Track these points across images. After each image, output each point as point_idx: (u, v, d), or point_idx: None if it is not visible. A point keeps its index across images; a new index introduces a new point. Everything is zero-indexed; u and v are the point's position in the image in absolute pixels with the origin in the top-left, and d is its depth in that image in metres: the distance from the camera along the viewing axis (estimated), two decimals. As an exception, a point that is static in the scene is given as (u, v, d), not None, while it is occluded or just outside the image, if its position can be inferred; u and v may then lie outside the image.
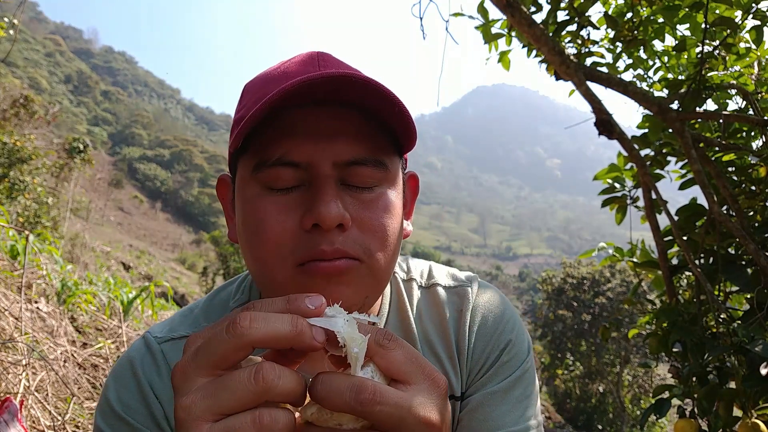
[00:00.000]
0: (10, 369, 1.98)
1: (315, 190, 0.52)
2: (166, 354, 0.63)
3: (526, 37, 1.79)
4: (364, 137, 0.54)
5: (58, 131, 43.99)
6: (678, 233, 1.58)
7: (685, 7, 1.62)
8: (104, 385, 0.64)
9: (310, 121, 0.53)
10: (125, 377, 0.62)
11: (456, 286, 0.71)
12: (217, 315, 0.67)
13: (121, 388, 0.61)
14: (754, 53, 1.71)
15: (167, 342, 0.64)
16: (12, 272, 3.00)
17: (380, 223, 0.55)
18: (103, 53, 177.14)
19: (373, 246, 0.54)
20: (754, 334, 1.28)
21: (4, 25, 3.41)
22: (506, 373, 0.66)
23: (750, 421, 1.25)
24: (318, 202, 0.51)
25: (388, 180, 0.57)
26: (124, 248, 29.79)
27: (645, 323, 1.78)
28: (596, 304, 14.39)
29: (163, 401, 0.61)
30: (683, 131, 1.55)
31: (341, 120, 0.53)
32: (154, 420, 0.60)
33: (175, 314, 0.70)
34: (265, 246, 0.53)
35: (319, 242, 0.52)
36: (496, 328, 0.68)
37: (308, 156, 0.52)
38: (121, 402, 0.60)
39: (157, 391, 0.61)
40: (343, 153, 0.53)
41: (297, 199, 0.53)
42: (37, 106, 13.11)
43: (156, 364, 0.63)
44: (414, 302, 0.69)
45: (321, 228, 0.51)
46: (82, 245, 15.75)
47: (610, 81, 1.72)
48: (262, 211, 0.53)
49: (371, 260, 0.54)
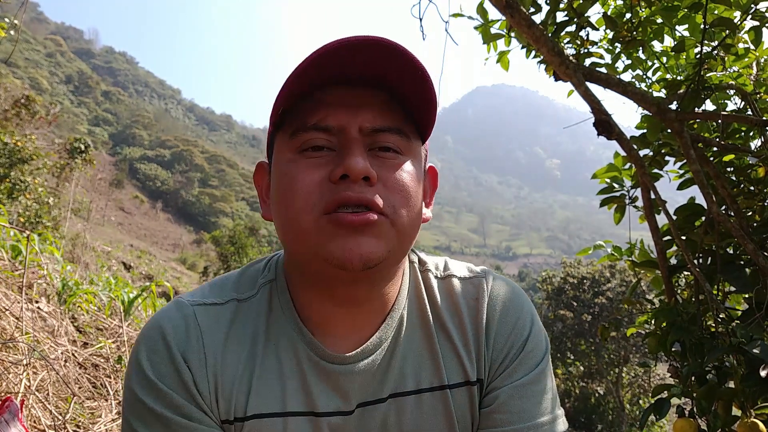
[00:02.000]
0: (11, 369, 1.99)
1: (343, 150, 0.57)
2: (197, 315, 0.64)
3: (526, 38, 1.79)
4: (389, 111, 0.60)
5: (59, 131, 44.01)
6: (677, 233, 1.58)
7: (684, 7, 1.63)
8: (134, 350, 0.63)
9: (342, 95, 0.59)
10: (155, 341, 0.62)
11: (471, 277, 0.72)
12: (245, 289, 0.68)
13: (151, 353, 0.61)
14: (752, 54, 1.72)
15: (199, 306, 0.65)
16: (13, 272, 3.01)
17: (404, 184, 0.59)
18: (103, 54, 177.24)
19: (397, 203, 0.58)
20: (752, 334, 1.28)
21: (5, 26, 3.42)
22: (532, 364, 0.67)
23: (749, 420, 1.26)
24: (347, 157, 0.56)
25: (410, 152, 0.62)
26: (125, 248, 29.80)
27: (643, 322, 1.78)
28: (596, 304, 14.38)
29: (191, 365, 0.61)
30: (682, 131, 1.55)
31: (369, 95, 0.60)
32: (183, 385, 0.61)
33: (205, 285, 0.71)
34: (294, 197, 0.57)
35: (345, 190, 0.56)
36: (517, 319, 0.69)
37: (339, 122, 0.58)
38: (153, 368, 0.61)
39: (186, 354, 0.61)
40: (369, 120, 0.59)
41: (328, 159, 0.58)
42: (38, 106, 13.12)
43: (186, 325, 0.63)
44: (430, 291, 0.71)
45: (348, 179, 0.56)
46: (83, 245, 15.76)
47: (609, 81, 1.72)
48: (294, 170, 0.58)
49: (395, 215, 0.58)
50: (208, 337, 0.63)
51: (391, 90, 0.60)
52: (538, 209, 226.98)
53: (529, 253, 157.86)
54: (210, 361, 0.62)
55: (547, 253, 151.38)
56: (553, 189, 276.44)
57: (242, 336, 0.64)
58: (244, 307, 0.66)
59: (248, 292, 0.68)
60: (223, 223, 57.80)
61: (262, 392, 0.62)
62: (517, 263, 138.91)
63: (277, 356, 0.64)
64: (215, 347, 0.63)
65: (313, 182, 0.57)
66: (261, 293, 0.67)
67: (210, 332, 0.63)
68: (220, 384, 0.62)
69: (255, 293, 0.67)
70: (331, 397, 0.64)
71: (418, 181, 0.62)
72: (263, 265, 0.72)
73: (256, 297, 0.67)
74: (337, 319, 0.64)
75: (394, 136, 0.60)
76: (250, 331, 0.65)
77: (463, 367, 0.67)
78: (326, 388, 0.63)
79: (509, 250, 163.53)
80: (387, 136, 0.59)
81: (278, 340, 0.65)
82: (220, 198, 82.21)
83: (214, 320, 0.64)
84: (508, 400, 0.65)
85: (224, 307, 0.66)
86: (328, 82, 0.59)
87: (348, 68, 0.57)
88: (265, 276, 0.69)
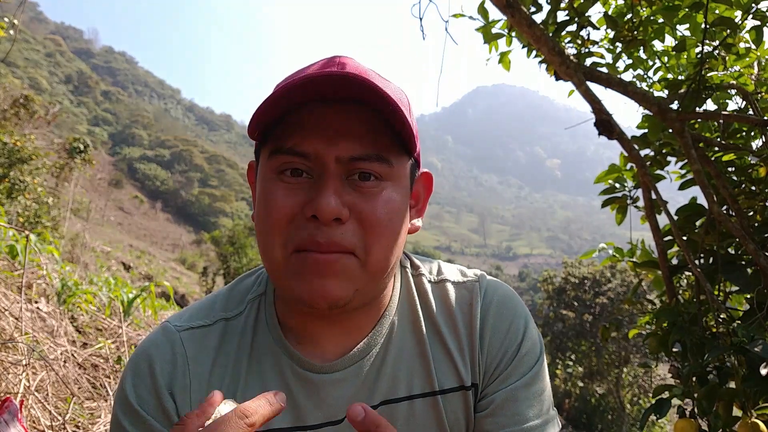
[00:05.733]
0: (11, 369, 1.98)
1: (318, 182, 0.56)
2: (184, 342, 0.64)
3: (526, 38, 1.79)
4: (368, 135, 0.57)
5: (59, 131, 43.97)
6: (678, 233, 1.58)
7: (685, 7, 1.62)
8: (122, 374, 0.65)
9: (319, 118, 0.57)
10: (141, 369, 0.63)
11: (465, 282, 0.71)
12: (234, 305, 0.68)
13: (137, 379, 0.63)
14: (753, 53, 1.71)
15: (186, 331, 0.65)
16: (12, 272, 3.00)
17: (379, 217, 0.57)
18: (103, 53, 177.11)
19: (369, 240, 0.57)
20: (753, 334, 1.28)
21: (5, 25, 3.41)
22: (526, 367, 0.67)
23: (750, 420, 1.25)
24: (318, 195, 0.55)
25: (392, 177, 0.59)
26: (125, 248, 29.78)
27: (645, 323, 1.78)
28: (597, 304, 14.38)
29: (176, 395, 0.62)
30: (683, 131, 1.55)
31: (347, 118, 0.57)
32: (164, 413, 0.62)
33: (194, 305, 0.71)
34: (270, 226, 0.58)
35: (316, 234, 0.55)
36: (511, 323, 0.69)
37: (315, 149, 0.56)
38: (135, 393, 0.62)
39: (170, 385, 0.62)
40: (346, 149, 0.56)
41: (304, 186, 0.57)
42: (37, 106, 13.11)
43: (173, 352, 0.64)
44: (424, 296, 0.70)
45: (318, 219, 0.55)
46: (83, 245, 15.75)
47: (609, 81, 1.72)
48: (272, 193, 0.58)
49: (366, 255, 0.57)
50: (194, 365, 0.64)
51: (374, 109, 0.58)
52: (538, 209, 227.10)
53: (529, 254, 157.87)
54: (194, 387, 0.63)
55: (548, 253, 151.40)
56: (553, 189, 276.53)
57: (227, 358, 0.65)
58: (231, 326, 0.67)
59: (236, 309, 0.68)
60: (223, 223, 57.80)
61: None
62: (517, 263, 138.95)
63: (260, 373, 0.64)
64: (201, 374, 0.63)
65: (286, 213, 0.56)
66: (249, 309, 0.68)
67: (195, 360, 0.64)
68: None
69: (243, 309, 0.68)
70: (318, 407, 0.63)
71: (399, 208, 0.60)
72: (253, 279, 0.72)
73: (244, 314, 0.67)
74: (323, 328, 0.64)
75: (375, 164, 0.57)
76: (234, 351, 0.65)
77: (457, 371, 0.66)
78: (312, 399, 0.63)
79: (510, 250, 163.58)
80: (366, 164, 0.57)
81: (262, 357, 0.65)
82: (219, 198, 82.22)
83: (201, 346, 0.65)
84: (502, 403, 0.64)
85: (212, 328, 0.66)
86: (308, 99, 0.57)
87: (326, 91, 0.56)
88: (254, 291, 0.70)
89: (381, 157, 0.57)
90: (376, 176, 0.58)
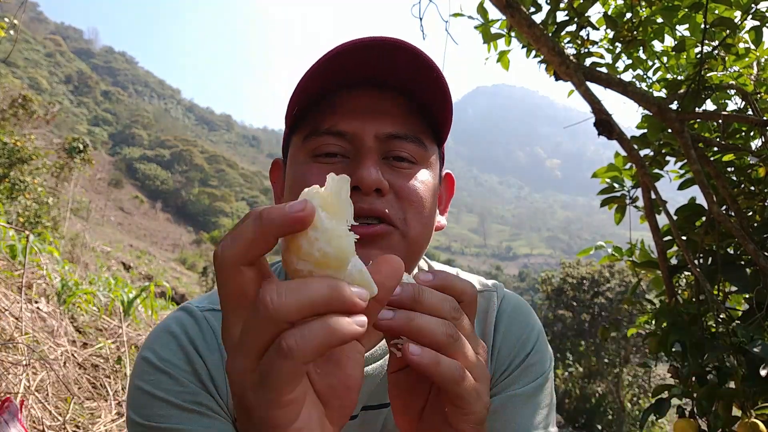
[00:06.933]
0: (11, 369, 1.98)
1: (357, 158, 0.56)
2: (208, 320, 0.64)
3: (526, 38, 1.79)
4: (405, 116, 0.58)
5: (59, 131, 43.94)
6: (677, 233, 1.58)
7: (685, 7, 1.63)
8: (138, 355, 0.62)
9: (357, 100, 0.58)
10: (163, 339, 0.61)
11: (482, 291, 0.73)
12: None
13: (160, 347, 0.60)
14: (753, 54, 1.71)
15: (209, 311, 0.65)
16: (12, 272, 3.00)
17: (417, 194, 0.58)
18: (103, 53, 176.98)
19: (408, 214, 0.58)
20: (753, 335, 1.28)
21: (5, 26, 3.41)
22: (531, 378, 0.68)
23: (749, 420, 1.25)
24: (359, 167, 0.55)
25: (426, 160, 0.60)
26: (125, 248, 29.77)
27: (644, 323, 1.78)
28: (595, 304, 14.38)
29: (207, 362, 0.60)
30: (682, 131, 1.55)
31: (383, 99, 0.58)
32: (197, 377, 0.59)
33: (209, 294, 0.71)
34: None
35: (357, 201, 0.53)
36: (522, 333, 0.70)
37: (353, 128, 0.56)
38: (160, 357, 0.59)
39: (201, 351, 0.60)
40: (385, 127, 0.57)
41: (340, 167, 0.57)
42: (35, 105, 13.11)
43: (200, 327, 0.63)
44: None
45: (360, 191, 0.55)
46: (83, 245, 15.74)
47: (609, 81, 1.72)
48: (307, 175, 0.57)
49: (406, 227, 0.58)
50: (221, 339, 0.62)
51: (410, 94, 0.58)
52: (538, 209, 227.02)
53: (529, 254, 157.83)
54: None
55: (548, 253, 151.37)
56: (553, 189, 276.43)
57: None
58: None
59: None
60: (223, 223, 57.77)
61: None
62: (517, 263, 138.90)
63: None
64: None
65: None
66: None
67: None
68: None
69: None
70: None
71: (432, 191, 0.61)
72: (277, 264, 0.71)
73: None
74: None
75: (410, 145, 0.58)
76: None
77: None
78: None
79: (509, 251, 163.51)
80: (403, 144, 0.58)
81: None
82: (219, 198, 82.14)
83: None
84: (500, 408, 0.65)
85: None
86: (344, 84, 0.57)
87: (365, 70, 0.56)
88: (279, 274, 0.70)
89: (417, 139, 0.58)
90: (410, 160, 0.58)
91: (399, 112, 0.58)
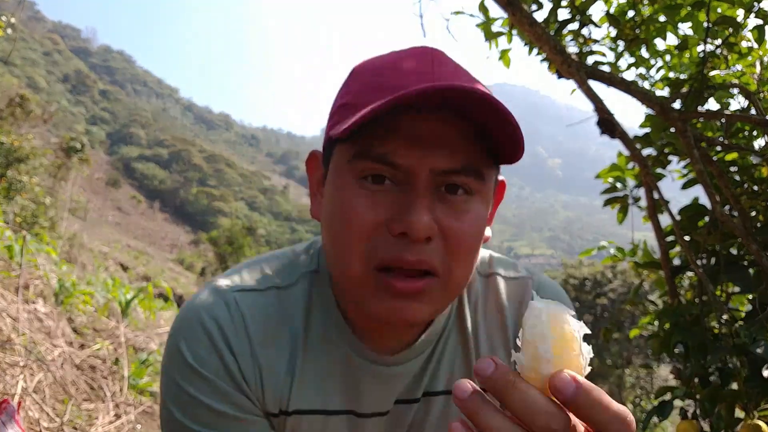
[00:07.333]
0: (8, 370, 1.97)
1: (409, 196, 0.52)
2: (239, 303, 0.61)
3: (527, 36, 1.78)
4: (465, 148, 0.53)
5: (57, 131, 43.85)
6: (680, 233, 1.57)
7: (687, 6, 1.62)
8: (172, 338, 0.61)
9: (415, 127, 0.53)
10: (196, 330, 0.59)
11: (517, 278, 0.71)
12: (284, 276, 0.65)
13: (192, 341, 0.59)
14: (756, 52, 1.71)
15: (239, 292, 0.62)
16: (9, 273, 2.98)
17: (467, 238, 0.54)
18: (101, 52, 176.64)
19: (454, 261, 0.54)
20: (756, 336, 1.27)
21: (3, 24, 3.39)
22: None
23: (752, 422, 1.25)
24: (410, 211, 0.50)
25: (482, 192, 0.56)
26: (122, 248, 29.71)
27: (647, 323, 1.77)
28: (597, 304, 14.39)
29: (239, 357, 0.59)
30: (685, 131, 1.54)
31: (445, 128, 0.53)
32: (229, 374, 0.58)
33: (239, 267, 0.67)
34: (349, 236, 0.53)
35: (404, 252, 0.51)
36: None
37: (408, 160, 0.52)
38: (196, 357, 0.58)
39: (234, 348, 0.59)
40: (442, 162, 0.52)
41: (389, 197, 0.53)
42: (33, 105, 13.07)
43: (233, 319, 0.60)
44: (472, 290, 0.69)
45: (407, 237, 0.51)
46: (80, 245, 15.70)
47: (611, 80, 1.71)
48: (352, 201, 0.53)
49: (448, 275, 0.54)
50: (251, 326, 0.60)
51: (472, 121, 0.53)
52: (539, 209, 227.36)
53: (530, 254, 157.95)
54: (256, 351, 0.60)
55: (549, 254, 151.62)
56: (554, 189, 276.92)
57: (284, 327, 0.62)
58: (283, 296, 0.64)
59: (288, 280, 0.64)
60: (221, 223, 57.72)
61: (304, 388, 0.62)
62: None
63: (318, 353, 0.63)
64: (259, 336, 0.60)
65: (368, 225, 0.52)
66: (301, 283, 0.65)
67: (254, 321, 0.61)
68: (266, 375, 0.60)
69: (294, 282, 0.65)
70: (373, 398, 0.63)
71: (484, 224, 0.57)
72: (304, 253, 0.68)
73: (297, 287, 0.64)
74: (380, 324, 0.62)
75: (469, 178, 0.53)
76: (289, 324, 0.63)
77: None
78: (369, 389, 0.63)
79: (510, 251, 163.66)
80: (461, 177, 0.53)
81: (320, 337, 0.63)
82: (218, 198, 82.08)
83: (256, 308, 0.62)
84: None
85: (264, 294, 0.63)
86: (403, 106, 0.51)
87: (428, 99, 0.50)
88: (306, 266, 0.66)
89: (475, 171, 0.54)
90: (465, 189, 0.54)
91: (458, 141, 0.53)
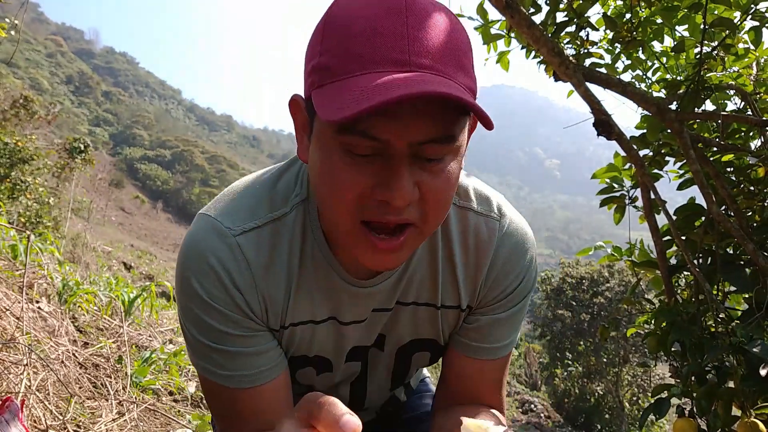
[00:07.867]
0: (12, 369, 1.99)
1: (390, 167, 0.56)
2: (242, 247, 0.67)
3: (525, 38, 1.79)
4: (440, 119, 0.56)
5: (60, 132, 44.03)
6: (677, 233, 1.58)
7: (684, 8, 1.63)
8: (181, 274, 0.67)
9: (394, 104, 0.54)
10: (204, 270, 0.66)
11: (488, 216, 0.75)
12: (279, 205, 0.70)
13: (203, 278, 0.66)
14: (752, 54, 1.72)
15: (241, 235, 0.67)
16: (13, 272, 3.01)
17: (443, 194, 0.59)
18: (104, 54, 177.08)
19: (431, 213, 0.59)
20: (752, 334, 1.28)
21: (6, 26, 3.42)
22: (515, 302, 0.77)
23: (748, 420, 1.26)
24: (392, 181, 0.55)
25: (454, 151, 0.60)
26: (126, 248, 29.78)
27: (643, 322, 1.78)
28: (595, 303, 14.36)
29: (244, 292, 0.67)
30: (682, 132, 1.55)
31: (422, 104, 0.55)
32: (239, 308, 0.67)
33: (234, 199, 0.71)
34: (338, 198, 0.58)
35: (386, 213, 0.57)
36: (517, 266, 0.75)
37: (387, 134, 0.55)
38: (208, 293, 0.66)
39: (239, 285, 0.66)
40: (419, 135, 0.55)
41: (373, 166, 0.57)
42: (37, 106, 13.13)
43: (235, 258, 0.66)
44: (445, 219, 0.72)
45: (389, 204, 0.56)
46: (84, 245, 15.75)
47: (608, 82, 1.72)
48: (339, 172, 0.57)
49: (425, 225, 0.60)
50: (254, 266, 0.67)
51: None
52: (537, 209, 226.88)
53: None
54: (259, 286, 0.68)
55: (547, 253, 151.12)
56: (552, 189, 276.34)
57: (280, 259, 0.69)
58: (280, 226, 0.69)
59: (282, 209, 0.70)
60: (224, 224, 57.27)
61: (298, 305, 0.71)
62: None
63: (309, 271, 0.70)
64: (261, 273, 0.68)
65: (355, 192, 0.57)
66: (295, 212, 0.70)
67: (256, 261, 0.68)
68: (269, 302, 0.69)
69: (289, 211, 0.70)
70: (353, 311, 0.73)
71: (458, 175, 0.61)
72: (293, 179, 0.72)
73: (290, 215, 0.70)
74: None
75: (444, 146, 0.56)
76: (286, 253, 0.69)
77: (458, 295, 0.75)
78: (349, 304, 0.73)
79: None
80: (437, 146, 0.56)
81: (310, 265, 0.70)
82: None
83: (258, 249, 0.68)
84: (484, 326, 0.76)
85: (264, 229, 0.68)
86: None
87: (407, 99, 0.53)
88: (297, 193, 0.71)
89: (450, 137, 0.57)
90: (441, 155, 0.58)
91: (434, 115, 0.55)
